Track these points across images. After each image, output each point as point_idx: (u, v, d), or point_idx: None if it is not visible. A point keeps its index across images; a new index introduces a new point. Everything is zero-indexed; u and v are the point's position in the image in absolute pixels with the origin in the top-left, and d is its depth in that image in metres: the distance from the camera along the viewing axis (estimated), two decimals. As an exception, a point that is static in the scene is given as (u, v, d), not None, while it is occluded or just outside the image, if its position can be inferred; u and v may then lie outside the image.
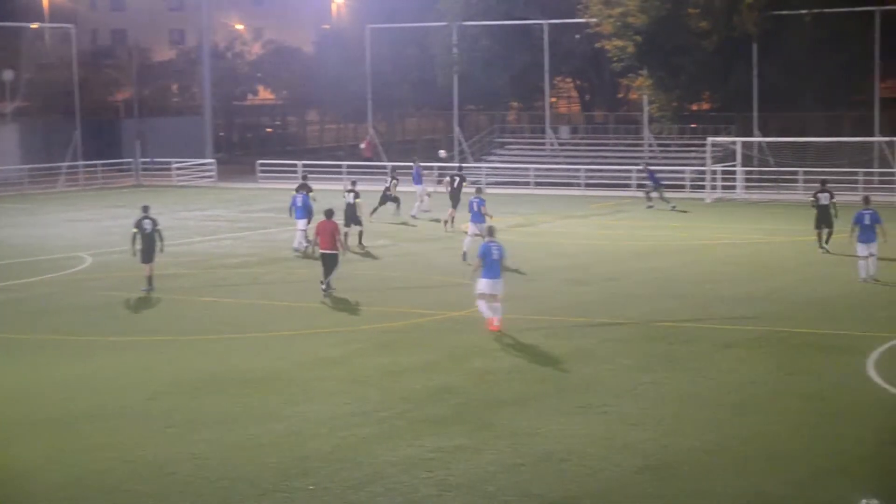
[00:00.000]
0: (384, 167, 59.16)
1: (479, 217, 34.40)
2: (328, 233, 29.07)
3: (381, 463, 16.36)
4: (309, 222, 35.92)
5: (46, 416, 19.09)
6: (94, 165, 64.54)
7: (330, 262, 29.12)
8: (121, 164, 66.32)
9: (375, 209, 44.33)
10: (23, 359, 23.16)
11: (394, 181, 46.15)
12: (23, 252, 37.98)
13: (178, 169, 63.77)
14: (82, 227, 45.39)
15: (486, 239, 25.33)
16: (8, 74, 68.40)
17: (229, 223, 45.85)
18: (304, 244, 35.67)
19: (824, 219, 34.88)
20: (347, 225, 36.09)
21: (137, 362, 22.72)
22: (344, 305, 28.15)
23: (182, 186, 62.11)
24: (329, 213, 29.59)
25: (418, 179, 48.59)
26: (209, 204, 53.24)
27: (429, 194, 47.98)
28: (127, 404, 19.76)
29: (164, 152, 65.16)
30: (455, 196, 42.63)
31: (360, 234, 37.08)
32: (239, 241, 40.64)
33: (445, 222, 41.81)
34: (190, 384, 20.91)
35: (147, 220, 30.17)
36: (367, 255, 36.14)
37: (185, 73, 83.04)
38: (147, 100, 79.74)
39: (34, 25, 72.81)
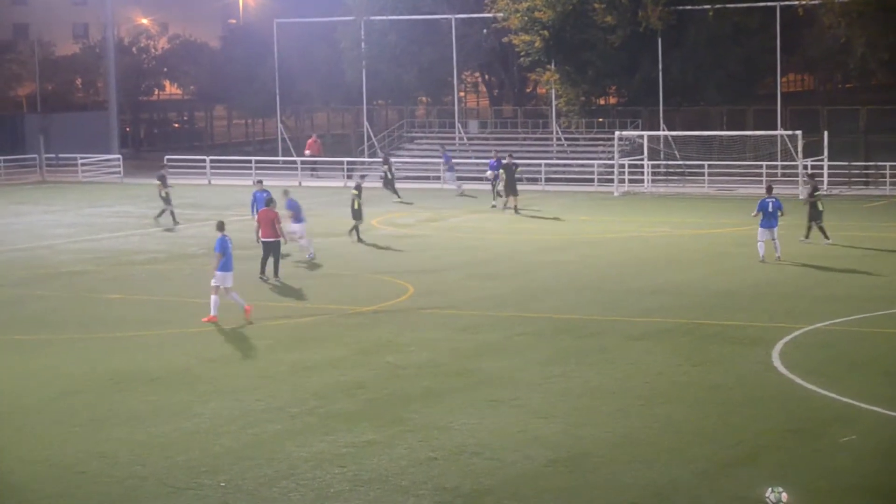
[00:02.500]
0: (295, 163, 59.05)
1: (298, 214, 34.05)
2: (268, 221, 29.69)
3: (293, 459, 16.30)
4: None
5: (-50, 416, 18.77)
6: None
7: (272, 251, 29.62)
8: (24, 160, 65.30)
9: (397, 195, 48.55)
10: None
11: (385, 166, 50.47)
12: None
13: (84, 165, 62.90)
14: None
15: (222, 233, 25.89)
16: None
17: (136, 219, 45.35)
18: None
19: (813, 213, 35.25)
20: (355, 219, 37.56)
21: (43, 361, 22.41)
22: (253, 301, 27.97)
23: (88, 183, 61.28)
24: (269, 202, 30.35)
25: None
26: (116, 200, 52.61)
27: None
28: (32, 403, 19.49)
29: (69, 148, 64.27)
30: (511, 184, 44.79)
31: (357, 229, 37.56)
32: (146, 238, 40.22)
33: (515, 209, 44.26)
34: (97, 382, 20.66)
35: None
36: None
37: (90, 67, 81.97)
38: (50, 95, 78.62)
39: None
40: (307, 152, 62.27)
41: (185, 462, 16.27)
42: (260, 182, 37.59)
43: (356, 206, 37.42)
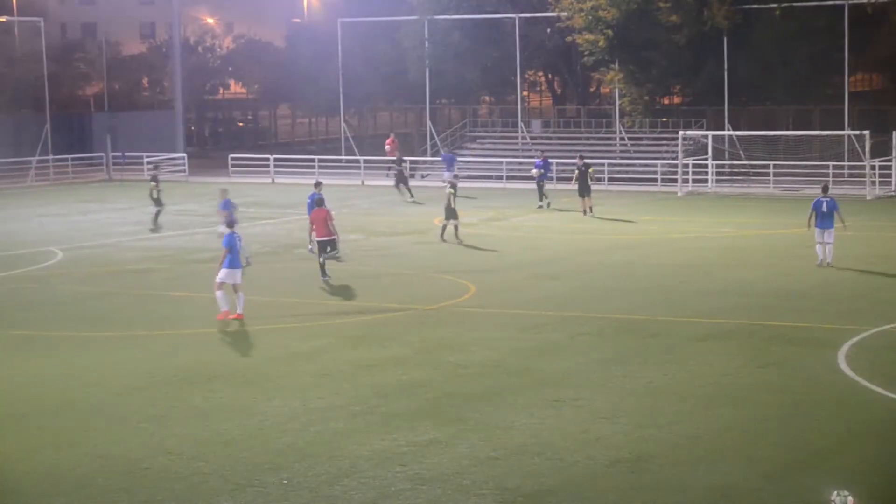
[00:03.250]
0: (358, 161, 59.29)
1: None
2: (321, 220, 29.71)
3: (355, 457, 16.33)
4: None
5: (16, 411, 18.99)
6: (65, 160, 64.20)
7: (327, 248, 29.68)
8: (91, 158, 66.00)
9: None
10: (-7, 354, 23.03)
11: (402, 165, 51.31)
12: (-7, 247, 37.73)
13: (149, 163, 63.43)
14: (52, 221, 45.14)
15: (230, 230, 26.04)
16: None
17: (201, 218, 45.66)
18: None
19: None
20: (447, 219, 37.15)
21: (109, 358, 22.62)
22: (316, 300, 28.10)
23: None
24: (320, 202, 30.31)
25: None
26: (181, 198, 52.99)
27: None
28: (98, 400, 19.68)
29: (135, 147, 64.87)
30: (584, 185, 44.31)
31: (456, 228, 37.18)
32: (211, 236, 40.44)
33: (584, 211, 43.72)
34: (162, 379, 20.82)
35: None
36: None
37: (156, 66, 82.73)
38: (117, 94, 79.42)
39: (2, 19, 72.32)
40: (387, 148, 62.08)
41: (247, 459, 16.35)
42: (319, 184, 37.67)
43: (452, 205, 37.12)
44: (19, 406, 19.27)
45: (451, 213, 37.23)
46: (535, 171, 47.57)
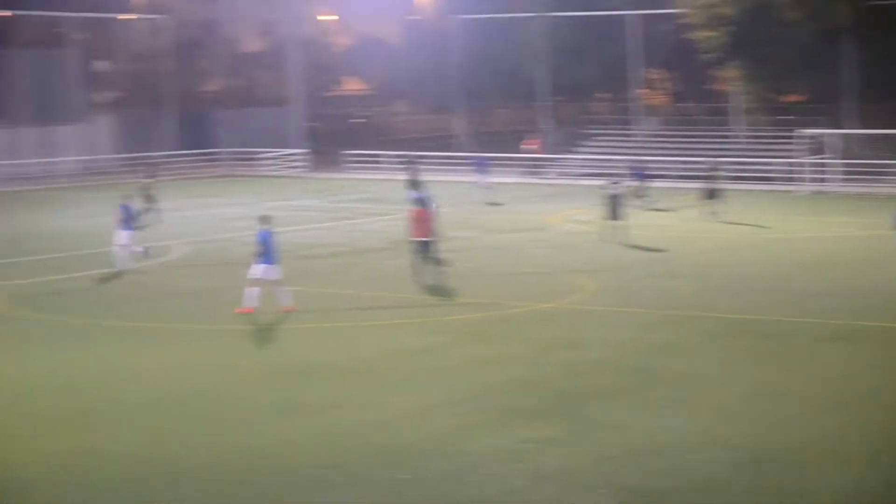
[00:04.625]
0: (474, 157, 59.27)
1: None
2: (422, 221, 29.39)
3: (473, 453, 16.34)
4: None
5: (141, 400, 19.33)
6: (186, 155, 65.24)
7: (427, 251, 29.39)
8: (211, 153, 66.97)
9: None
10: (114, 345, 23.48)
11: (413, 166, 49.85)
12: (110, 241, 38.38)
13: (268, 159, 64.24)
14: (172, 216, 45.85)
15: (264, 227, 26.01)
16: (103, 65, 69.40)
17: (319, 213, 46.09)
18: None
19: None
20: (613, 219, 36.09)
21: (228, 350, 22.93)
22: (432, 296, 28.18)
23: (271, 176, 62.55)
24: (421, 202, 29.90)
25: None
26: (298, 194, 53.56)
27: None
28: (218, 391, 19.96)
29: (254, 142, 65.69)
30: (713, 189, 42.35)
31: (621, 230, 36.20)
32: (328, 231, 40.85)
33: (715, 213, 41.81)
34: (279, 372, 21.05)
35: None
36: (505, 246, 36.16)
37: (275, 64, 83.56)
38: (237, 90, 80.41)
39: (129, 17, 73.71)
40: (531, 147, 61.84)
41: (365, 453, 16.45)
42: (416, 182, 37.72)
43: (620, 207, 36.65)
44: (141, 396, 19.61)
45: (615, 213, 36.47)
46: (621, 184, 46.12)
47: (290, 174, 63.28)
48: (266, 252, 25.83)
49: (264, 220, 26.48)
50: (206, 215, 45.60)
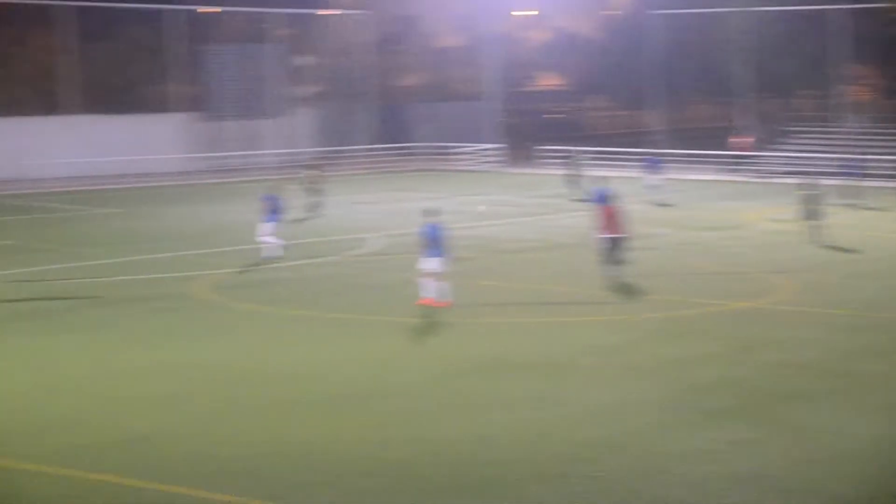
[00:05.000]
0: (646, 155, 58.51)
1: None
2: (611, 217, 29.06)
3: (666, 453, 16.07)
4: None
5: (336, 393, 19.54)
6: (383, 149, 66.04)
7: (615, 248, 29.05)
8: (407, 148, 67.64)
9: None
10: (310, 336, 23.84)
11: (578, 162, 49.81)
12: (313, 233, 39.12)
13: (463, 154, 64.57)
14: (369, 209, 46.48)
15: (430, 220, 26.07)
16: (305, 60, 70.75)
17: (512, 208, 46.10)
18: None
19: None
20: (810, 218, 35.38)
21: (420, 343, 23.06)
22: (626, 293, 27.87)
23: (466, 171, 62.85)
24: (609, 198, 29.69)
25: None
26: (492, 189, 53.69)
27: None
28: (411, 384, 20.06)
29: (450, 137, 66.12)
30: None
31: (819, 230, 35.24)
32: (521, 226, 40.83)
33: None
34: (474, 366, 21.07)
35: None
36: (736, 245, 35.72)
37: (471, 58, 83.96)
38: (434, 84, 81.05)
39: (330, 12, 74.97)
40: (741, 143, 60.84)
41: (557, 449, 16.34)
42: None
43: (815, 206, 35.69)
44: (334, 388, 19.82)
45: (812, 213, 35.50)
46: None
47: (484, 169, 63.48)
48: (432, 245, 25.97)
49: (430, 213, 26.63)
50: (402, 209, 45.99)
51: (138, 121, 62.45)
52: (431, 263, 26.04)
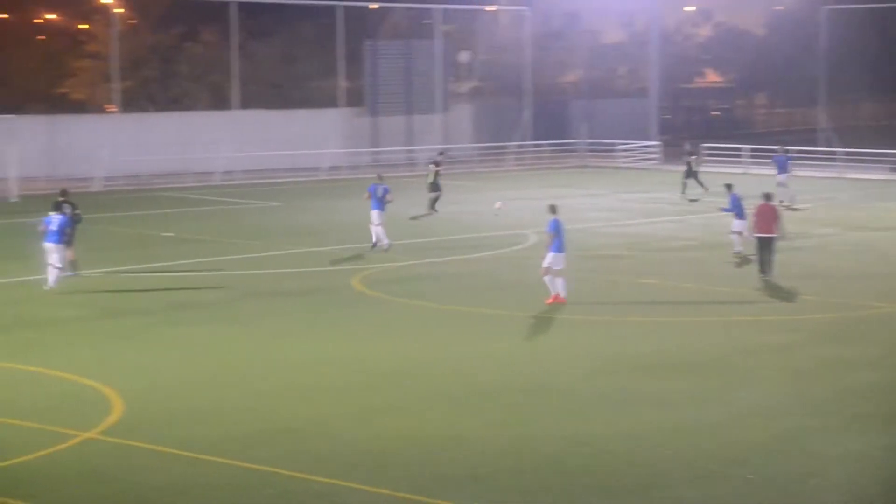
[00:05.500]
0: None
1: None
2: (766, 216, 28.39)
3: (824, 457, 15.61)
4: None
5: (488, 388, 19.45)
6: (542, 146, 65.80)
7: (766, 247, 28.46)
8: (567, 144, 67.28)
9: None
10: (462, 331, 23.78)
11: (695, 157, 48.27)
12: (469, 228, 39.12)
13: (623, 151, 63.98)
14: (526, 206, 46.28)
15: (555, 216, 25.94)
16: (465, 56, 70.89)
17: (671, 206, 45.46)
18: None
19: None
20: None
21: (576, 340, 22.85)
22: (784, 294, 27.23)
23: (626, 168, 62.26)
24: (767, 197, 29.05)
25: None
26: (652, 186, 53.04)
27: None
28: (564, 380, 19.88)
29: (609, 134, 65.55)
30: None
31: None
32: (680, 225, 40.23)
33: None
34: (626, 364, 20.78)
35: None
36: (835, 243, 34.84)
37: (634, 55, 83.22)
38: (594, 81, 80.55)
39: (490, 8, 75.03)
40: None
41: (710, 450, 16.00)
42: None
43: None
44: (491, 384, 19.74)
45: None
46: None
47: (644, 166, 62.77)
48: (556, 240, 25.80)
49: (553, 209, 26.43)
50: (561, 205, 45.57)
51: (301, 115, 63.28)
52: (552, 259, 25.84)
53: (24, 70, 71.26)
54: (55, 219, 27.62)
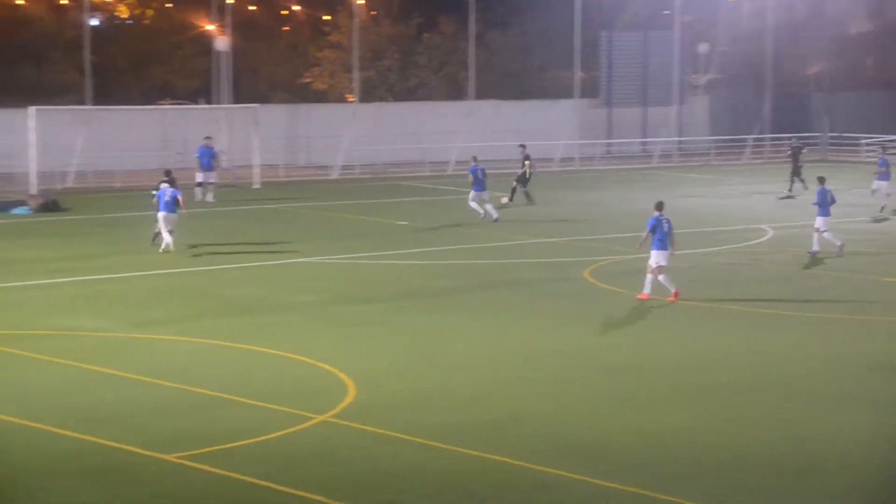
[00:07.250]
0: None
1: None
2: None
3: None
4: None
5: (713, 384, 19.32)
6: (781, 139, 64.37)
7: None
8: (808, 138, 65.61)
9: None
10: (693, 326, 23.55)
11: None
12: (703, 222, 38.56)
13: (867, 145, 62.02)
14: (765, 200, 45.41)
15: (658, 213, 25.57)
16: (703, 47, 69.85)
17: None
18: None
19: None
20: None
21: (803, 338, 22.46)
22: None
23: (869, 163, 60.31)
24: None
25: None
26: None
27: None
28: (790, 378, 19.61)
29: (854, 127, 63.63)
30: None
31: None
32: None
33: None
34: (853, 364, 20.31)
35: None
36: None
37: (885, 46, 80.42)
38: (840, 72, 78.21)
39: (728, -1, 73.67)
40: None
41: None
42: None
43: None
44: (719, 380, 19.55)
45: None
46: None
47: (892, 161, 60.59)
48: (658, 239, 25.48)
49: (658, 206, 25.94)
50: (797, 201, 44.62)
51: (536, 106, 63.43)
52: (656, 256, 25.53)
53: (269, 60, 73.54)
54: (168, 191, 30.75)
